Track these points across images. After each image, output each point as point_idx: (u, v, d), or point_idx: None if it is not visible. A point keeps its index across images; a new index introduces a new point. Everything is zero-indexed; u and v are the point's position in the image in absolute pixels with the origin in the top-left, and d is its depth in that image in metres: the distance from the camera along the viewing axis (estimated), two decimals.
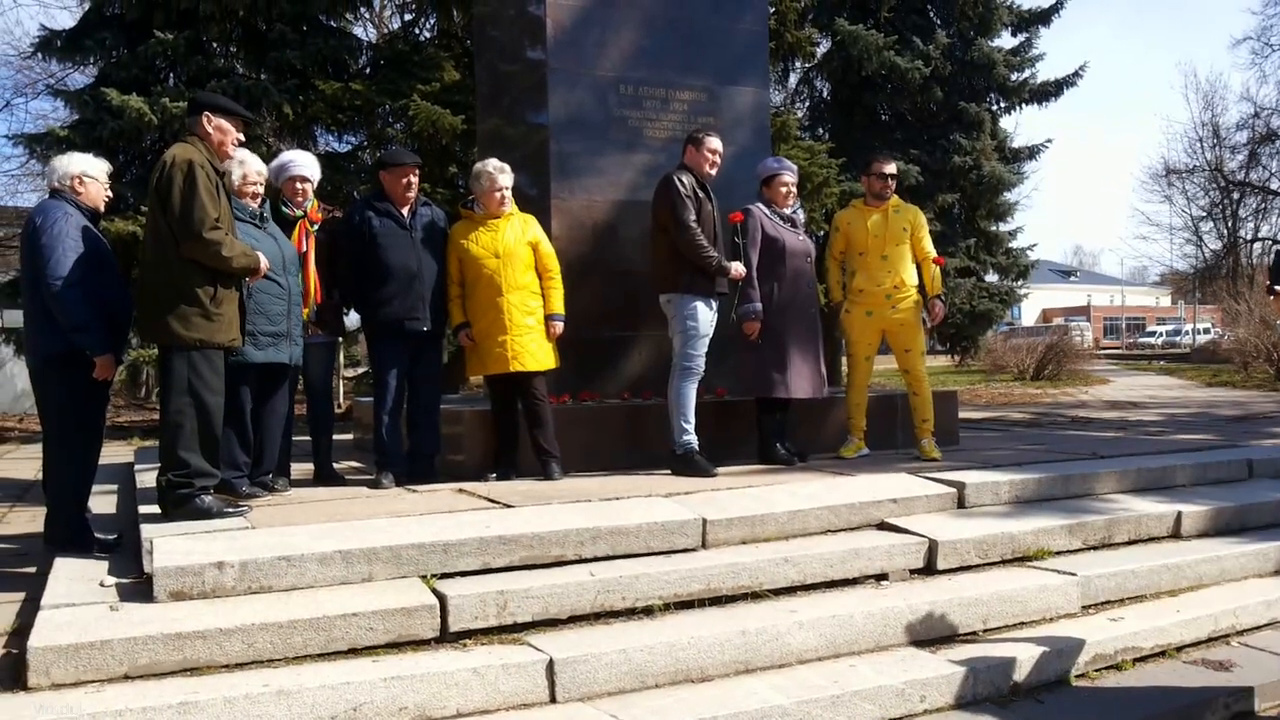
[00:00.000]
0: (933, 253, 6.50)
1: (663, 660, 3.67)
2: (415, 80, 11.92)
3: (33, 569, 4.70)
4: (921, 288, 6.46)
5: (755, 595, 4.25)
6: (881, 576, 4.56)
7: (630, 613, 4.03)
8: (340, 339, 6.29)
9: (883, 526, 4.91)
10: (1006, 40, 19.83)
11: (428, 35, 14.01)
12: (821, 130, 18.79)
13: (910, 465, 5.93)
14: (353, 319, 6.15)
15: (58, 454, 4.66)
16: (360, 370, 15.40)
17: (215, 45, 11.85)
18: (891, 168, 6.49)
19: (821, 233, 13.97)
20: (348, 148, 13.48)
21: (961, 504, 5.25)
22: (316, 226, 5.60)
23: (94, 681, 3.27)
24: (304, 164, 5.66)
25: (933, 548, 4.67)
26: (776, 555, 4.39)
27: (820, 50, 17.49)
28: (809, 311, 6.22)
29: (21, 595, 4.26)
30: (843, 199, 13.71)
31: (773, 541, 4.62)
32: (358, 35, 13.72)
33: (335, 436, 6.09)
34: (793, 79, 19.11)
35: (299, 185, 5.55)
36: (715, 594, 4.18)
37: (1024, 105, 19.68)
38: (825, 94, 19.54)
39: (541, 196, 6.63)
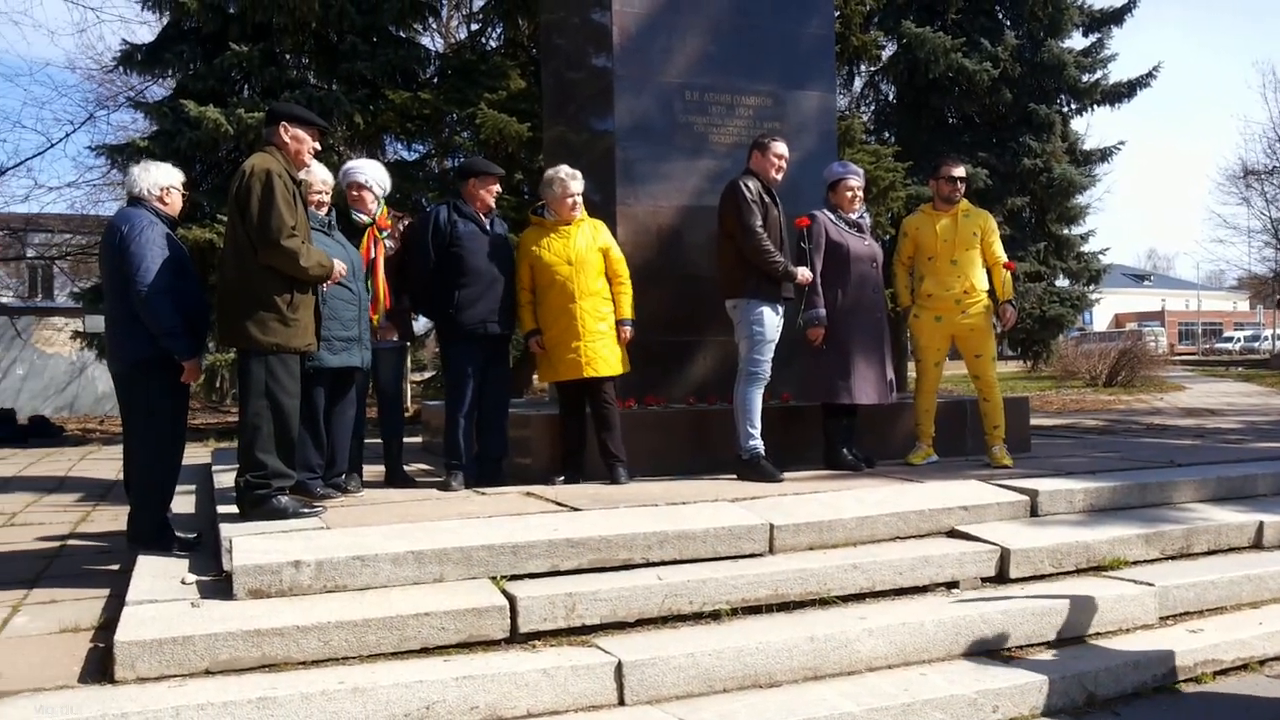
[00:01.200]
0: (1003, 257, 6.41)
1: (731, 665, 3.67)
2: (482, 89, 12.07)
3: (116, 566, 4.85)
4: (992, 293, 6.38)
5: (824, 601, 4.22)
6: (952, 584, 4.50)
7: (697, 617, 4.03)
8: (409, 344, 6.39)
9: (953, 534, 4.85)
10: (1077, 41, 19.46)
11: (494, 44, 14.18)
12: (887, 134, 18.63)
13: (981, 472, 5.84)
14: (419, 324, 6.25)
15: (145, 455, 4.79)
16: (427, 374, 15.59)
17: (288, 57, 12.11)
18: (960, 171, 6.41)
19: (887, 237, 13.85)
20: (416, 156, 13.69)
21: (1034, 512, 5.16)
22: (385, 233, 5.70)
23: (177, 676, 3.36)
24: (361, 170, 5.77)
25: (1005, 556, 4.60)
26: (845, 561, 4.36)
27: (886, 53, 17.33)
28: (875, 316, 6.17)
29: (106, 591, 4.40)
30: (909, 203, 13.56)
31: (840, 548, 4.59)
32: (426, 45, 13.92)
33: (405, 440, 6.19)
34: (858, 82, 18.97)
35: (355, 192, 5.66)
36: (783, 600, 4.17)
37: (1096, 106, 19.28)
38: (891, 97, 19.35)
39: (606, 202, 6.67)
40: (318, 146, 4.88)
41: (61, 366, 19.11)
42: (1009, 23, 18.57)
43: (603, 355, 5.57)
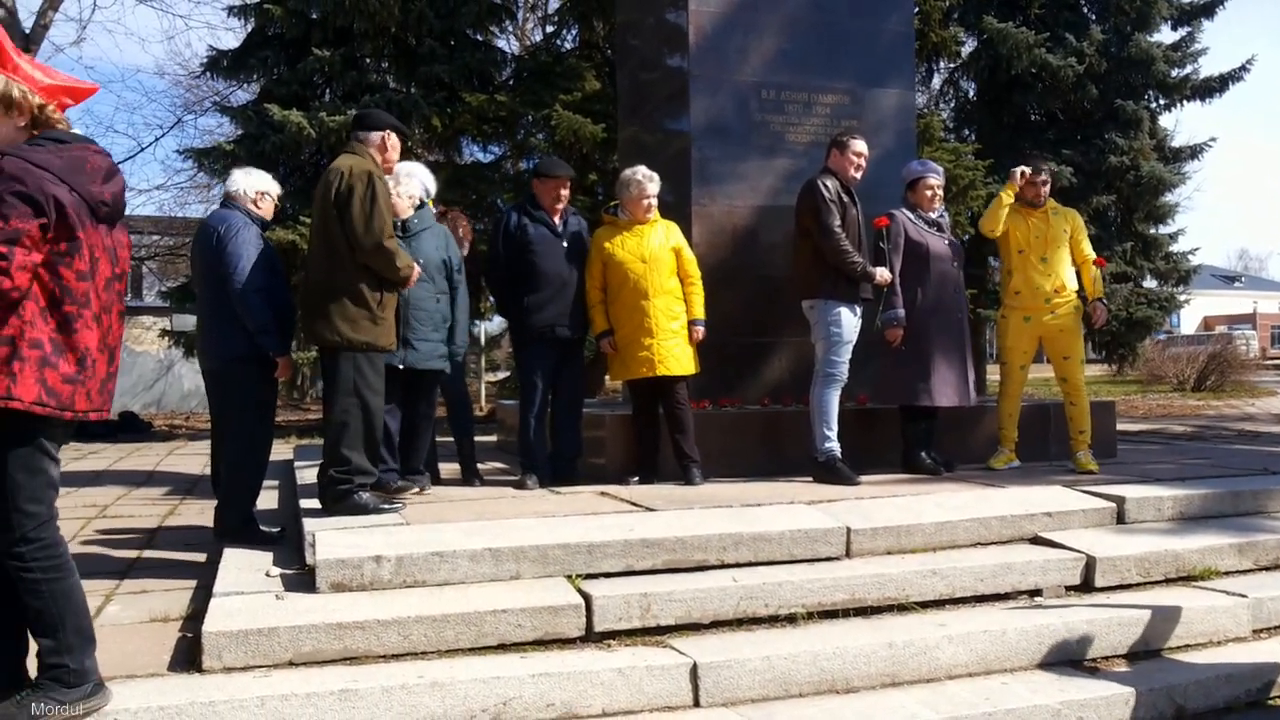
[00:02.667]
0: (1092, 255, 6.25)
1: (807, 669, 3.63)
2: (557, 90, 12.15)
3: (202, 558, 4.98)
4: (1081, 293, 6.22)
5: (902, 607, 4.16)
6: (1035, 592, 4.39)
7: (772, 620, 4.00)
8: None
9: (1036, 541, 4.74)
10: (1166, 34, 18.85)
11: (569, 46, 14.27)
12: (967, 131, 18.28)
13: (1065, 478, 5.70)
14: (493, 325, 6.33)
15: (234, 450, 4.92)
16: (501, 375, 15.76)
17: (368, 61, 12.32)
18: (1043, 176, 6.24)
19: (966, 236, 13.61)
20: (492, 158, 13.83)
21: (1121, 519, 5.02)
22: None
23: (262, 666, 3.43)
24: (408, 172, 5.82)
25: (1090, 564, 4.47)
26: (924, 567, 4.29)
27: (965, 49, 17.02)
28: (956, 317, 6.06)
29: (193, 583, 4.52)
30: (989, 202, 13.29)
31: (919, 553, 4.51)
32: (502, 48, 14.06)
33: (479, 438, 6.26)
34: (936, 79, 18.65)
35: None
36: (860, 604, 4.12)
37: (1185, 102, 18.65)
38: (971, 94, 18.98)
39: (682, 203, 6.66)
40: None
41: (149, 364, 19.71)
42: (1094, 17, 18.09)
43: (674, 354, 5.57)
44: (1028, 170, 6.14)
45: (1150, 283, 19.34)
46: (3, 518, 2.94)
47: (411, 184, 5.39)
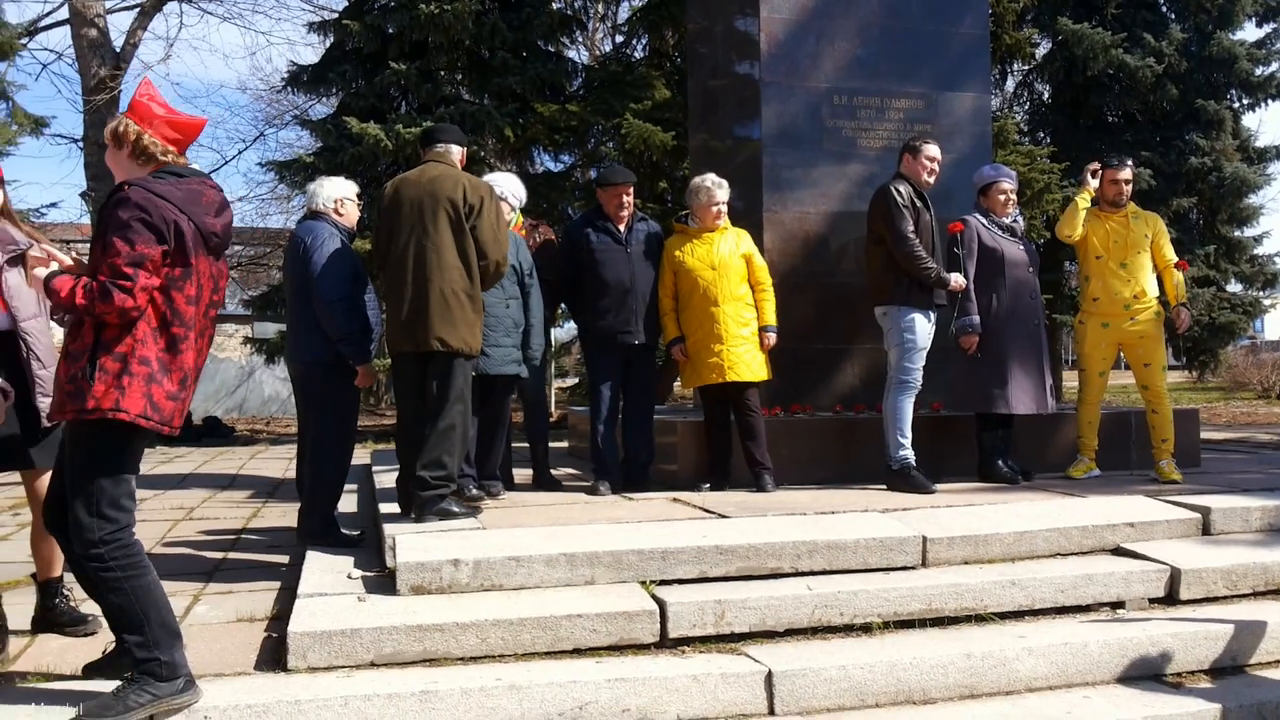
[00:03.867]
0: (1174, 259, 6.10)
1: (883, 679, 3.61)
2: (627, 99, 12.24)
3: (285, 559, 5.11)
4: (1162, 298, 6.08)
5: (979, 618, 4.10)
6: (1117, 605, 4.30)
7: (848, 629, 3.97)
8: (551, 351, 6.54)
9: (1118, 552, 4.64)
10: (1250, 32, 18.34)
11: (639, 55, 14.35)
12: (1042, 134, 17.96)
13: (1148, 488, 5.57)
14: (562, 331, 6.39)
15: (317, 454, 5.04)
16: (572, 381, 15.87)
17: (443, 73, 12.53)
18: (1126, 173, 6.13)
19: (1042, 241, 13.35)
20: (562, 167, 13.95)
21: (1206, 530, 4.89)
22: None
23: (345, 667, 3.52)
24: (501, 183, 5.90)
25: (1175, 576, 4.36)
26: (1002, 577, 4.22)
27: (1040, 51, 16.74)
28: (1032, 323, 5.96)
29: (277, 584, 4.64)
30: (1065, 206, 13.06)
31: (997, 563, 4.45)
32: (573, 58, 14.20)
33: (551, 444, 6.32)
34: (1010, 82, 18.36)
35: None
36: (937, 614, 4.07)
37: (1270, 101, 18.12)
38: (1046, 96, 18.65)
39: (752, 209, 6.66)
40: None
41: (232, 370, 20.24)
42: (1174, 16, 17.65)
43: (745, 360, 5.57)
44: (1099, 167, 6.02)
45: (1234, 287, 18.77)
46: (86, 521, 3.09)
47: (520, 188, 5.52)
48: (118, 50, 15.41)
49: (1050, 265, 6.32)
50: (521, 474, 6.10)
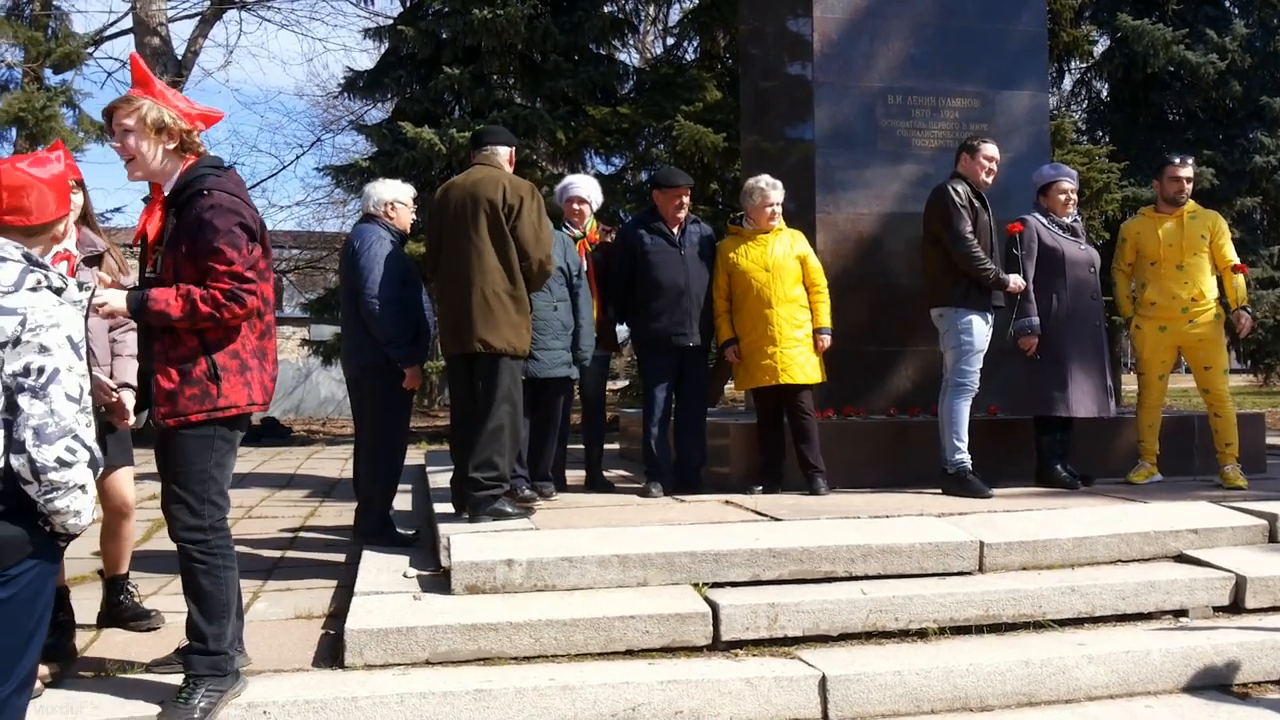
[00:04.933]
0: (1234, 260, 5.96)
1: (939, 685, 3.57)
2: (679, 101, 12.22)
3: (342, 558, 5.18)
4: (1222, 300, 5.94)
5: (1038, 625, 4.04)
6: (1180, 612, 4.21)
7: (903, 634, 3.94)
8: (613, 353, 6.54)
9: (1181, 559, 4.54)
10: None
11: (691, 57, 14.33)
12: (1100, 133, 17.64)
13: (1211, 493, 5.45)
14: (620, 333, 6.39)
15: (371, 455, 5.11)
16: (623, 383, 15.89)
17: (496, 77, 12.60)
18: (1188, 170, 6.01)
19: (1101, 242, 13.12)
20: (614, 169, 13.98)
21: (1273, 537, 4.77)
22: (594, 247, 5.88)
23: (400, 664, 3.56)
24: (582, 186, 5.97)
25: (1240, 584, 4.26)
26: (1061, 584, 4.15)
27: (1098, 49, 16.44)
28: (1093, 325, 5.86)
29: (334, 582, 4.71)
30: (1125, 205, 12.81)
31: (1056, 569, 4.38)
32: (624, 61, 14.22)
33: (604, 446, 6.33)
34: (1068, 80, 18.06)
35: (576, 206, 5.86)
36: (994, 621, 4.02)
37: None
38: (1104, 94, 18.31)
39: (805, 211, 6.62)
40: None
41: (289, 372, 20.55)
42: (1237, 11, 17.24)
43: (798, 362, 5.54)
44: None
45: None
46: (197, 508, 3.19)
47: None
48: (179, 58, 15.75)
49: (1110, 266, 6.18)
50: (573, 475, 6.12)
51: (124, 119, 3.15)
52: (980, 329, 5.53)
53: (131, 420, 3.71)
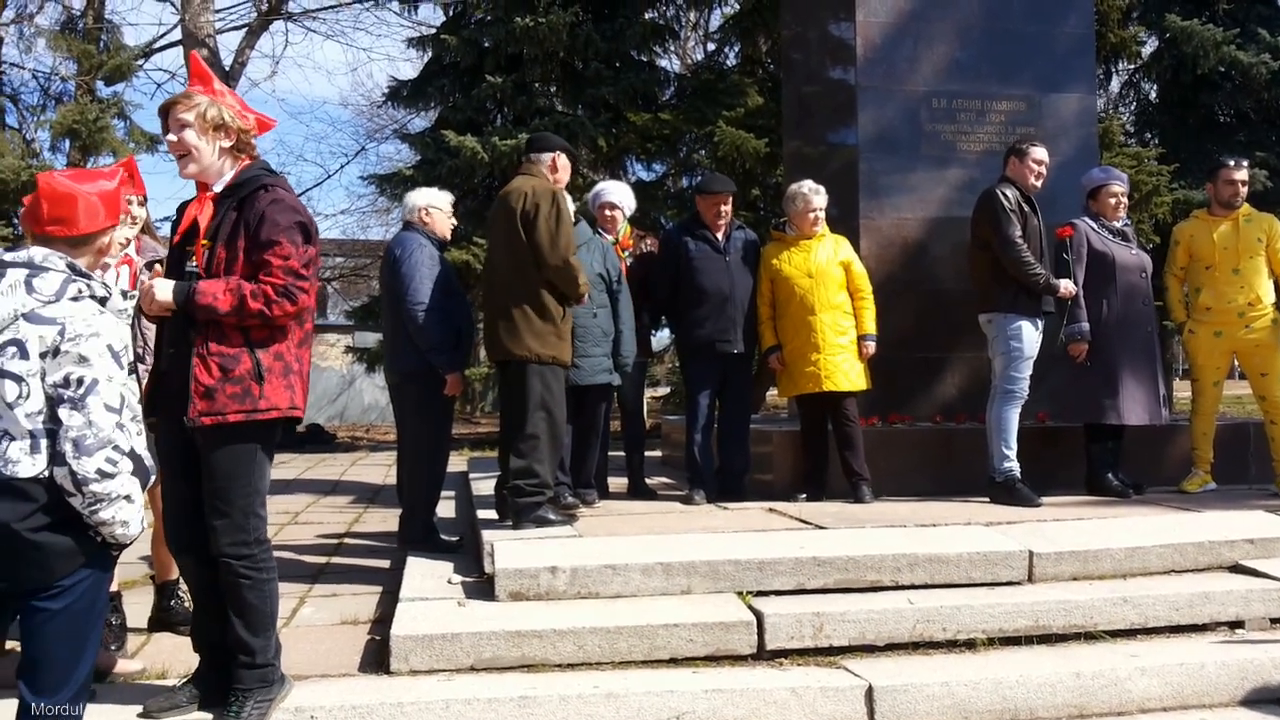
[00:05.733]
0: None
1: (988, 697, 3.51)
2: (720, 107, 12.21)
3: (386, 564, 5.22)
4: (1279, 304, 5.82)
5: (1089, 636, 3.96)
6: (1236, 624, 4.11)
7: (950, 645, 3.88)
8: (649, 359, 6.54)
9: (1236, 569, 4.43)
10: None
11: (732, 62, 14.31)
12: (1149, 135, 17.36)
13: (1269, 502, 5.33)
14: (656, 340, 6.37)
15: (414, 461, 5.14)
16: (664, 390, 15.88)
17: (538, 85, 12.66)
18: (1243, 173, 5.89)
19: (1150, 246, 12.90)
20: (655, 176, 13.99)
21: None
22: (628, 253, 5.87)
23: (445, 670, 3.56)
24: (613, 192, 5.97)
25: None
26: (1113, 594, 4.07)
27: (1146, 50, 16.19)
28: (1145, 330, 5.75)
29: (379, 588, 4.74)
30: (1175, 209, 12.58)
31: (1108, 580, 4.29)
32: (665, 67, 14.22)
33: (645, 453, 6.33)
34: (1115, 82, 17.79)
35: (608, 213, 5.86)
36: (1044, 631, 3.94)
37: None
38: (1153, 96, 18.02)
39: (848, 216, 6.57)
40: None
41: (334, 379, 20.77)
42: None
43: (842, 369, 5.49)
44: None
45: None
46: (240, 523, 3.11)
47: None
48: (226, 68, 16.00)
49: (1162, 270, 6.05)
50: (615, 482, 6.11)
51: (182, 114, 3.11)
52: (1030, 335, 5.45)
53: None
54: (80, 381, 2.27)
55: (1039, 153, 5.60)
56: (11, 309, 2.28)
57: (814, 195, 5.63)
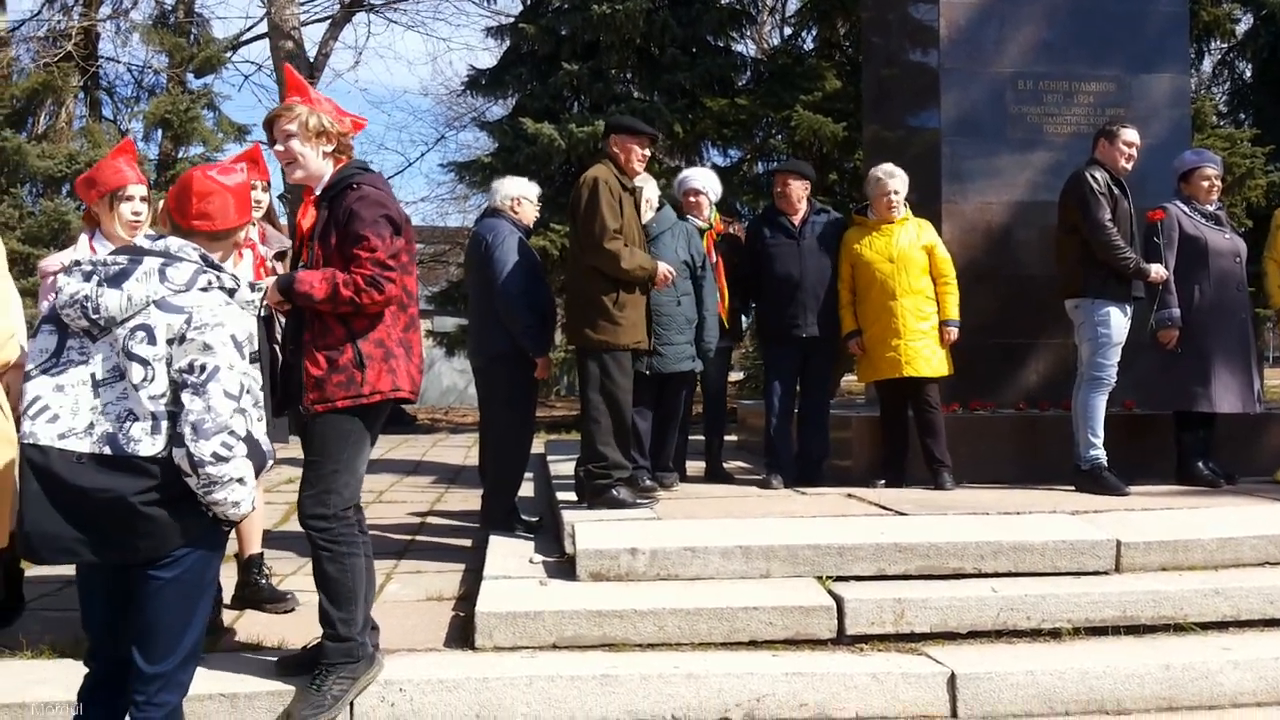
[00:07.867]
0: None
1: (1074, 687, 3.47)
2: (797, 91, 12.10)
3: (468, 542, 5.31)
4: None
5: (1179, 627, 3.88)
6: None
7: (1035, 634, 3.83)
8: (735, 344, 6.55)
9: None
10: None
11: (809, 46, 14.17)
12: (1243, 116, 16.75)
13: None
14: (747, 325, 6.39)
15: (500, 442, 5.22)
16: (742, 375, 15.84)
17: (614, 72, 12.70)
18: None
19: (1243, 230, 12.47)
20: (731, 161, 13.93)
21: None
22: (720, 238, 5.89)
23: (528, 648, 3.64)
24: (698, 178, 5.99)
25: None
26: (1204, 586, 3.98)
27: (1241, 28, 15.62)
28: (1238, 317, 5.59)
29: (462, 566, 4.84)
30: (1269, 192, 12.15)
31: (1198, 571, 4.19)
32: (741, 52, 14.14)
33: (724, 437, 6.34)
34: (1208, 61, 17.20)
35: (694, 199, 5.88)
36: (1131, 622, 3.87)
37: None
38: (1247, 75, 17.38)
39: (930, 200, 6.48)
40: (646, 154, 5.02)
41: None
42: None
43: (923, 355, 5.44)
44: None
45: None
46: (321, 496, 3.28)
47: (649, 188, 5.49)
48: (311, 60, 16.34)
49: (1257, 255, 5.84)
50: (693, 466, 6.14)
51: (286, 125, 3.31)
52: (1118, 321, 5.32)
53: None
54: (203, 368, 2.37)
55: (1130, 134, 5.46)
56: (145, 295, 2.39)
57: (889, 179, 5.57)
